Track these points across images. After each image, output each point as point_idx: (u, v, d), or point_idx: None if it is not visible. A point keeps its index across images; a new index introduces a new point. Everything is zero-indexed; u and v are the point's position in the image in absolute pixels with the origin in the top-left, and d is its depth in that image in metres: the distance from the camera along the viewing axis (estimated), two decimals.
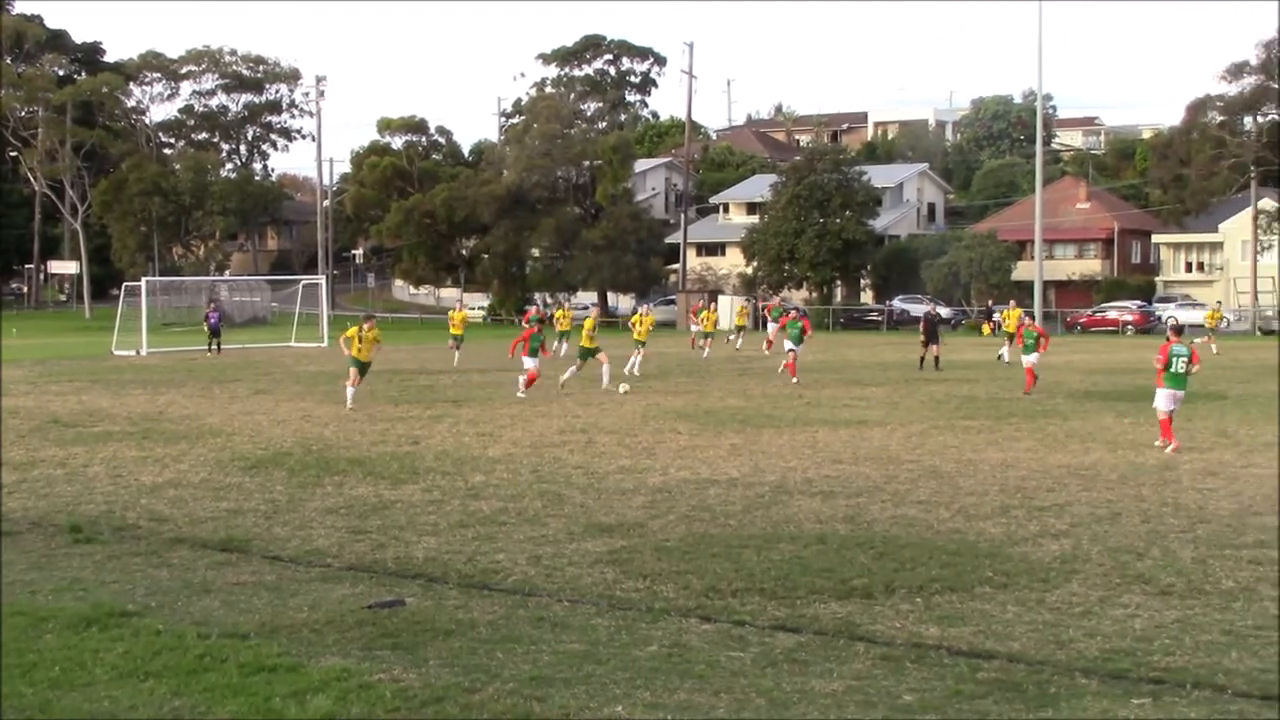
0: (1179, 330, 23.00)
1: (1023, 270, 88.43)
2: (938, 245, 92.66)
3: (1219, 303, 71.51)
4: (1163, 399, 21.75)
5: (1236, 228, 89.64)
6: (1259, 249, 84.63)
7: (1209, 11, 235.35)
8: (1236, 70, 77.73)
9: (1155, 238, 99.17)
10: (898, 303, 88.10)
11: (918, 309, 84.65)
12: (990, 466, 19.67)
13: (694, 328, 54.85)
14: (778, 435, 23.65)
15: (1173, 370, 21.69)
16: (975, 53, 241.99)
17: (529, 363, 31.72)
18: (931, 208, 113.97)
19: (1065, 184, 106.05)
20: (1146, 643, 10.13)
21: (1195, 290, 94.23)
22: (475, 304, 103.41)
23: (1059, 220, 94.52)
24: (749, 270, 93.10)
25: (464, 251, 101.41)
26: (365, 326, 29.89)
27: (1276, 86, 77.37)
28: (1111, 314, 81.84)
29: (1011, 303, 50.79)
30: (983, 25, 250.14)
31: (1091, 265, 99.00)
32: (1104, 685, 9.15)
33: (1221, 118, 79.48)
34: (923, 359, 41.21)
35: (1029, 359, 32.42)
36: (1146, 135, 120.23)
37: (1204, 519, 15.27)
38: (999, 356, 44.41)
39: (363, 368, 29.65)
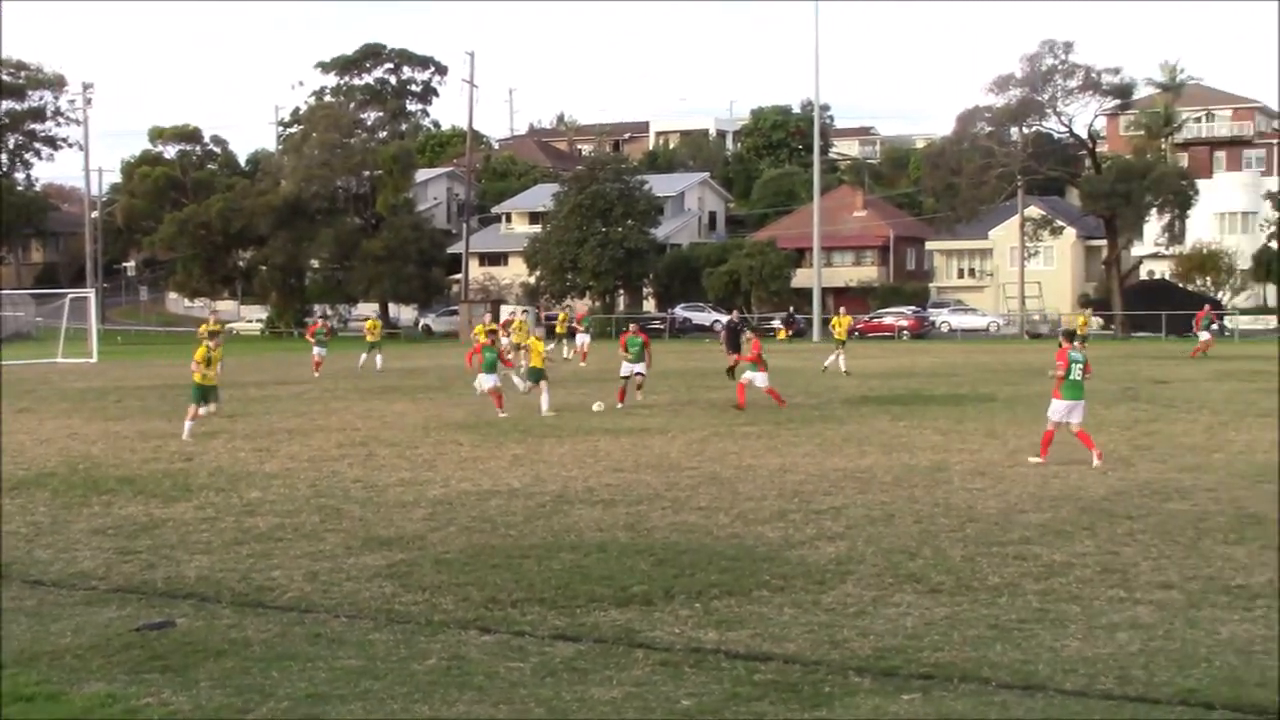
0: (1071, 336, 21.57)
1: (802, 277, 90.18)
2: (719, 253, 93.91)
3: (1089, 309, 74.23)
4: (1058, 409, 20.55)
5: (1005, 235, 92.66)
6: (1026, 255, 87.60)
7: (979, 26, 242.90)
8: (1003, 83, 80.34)
9: (929, 245, 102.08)
10: (680, 311, 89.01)
11: (702, 317, 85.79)
12: (769, 471, 19.93)
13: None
14: (559, 445, 23.64)
15: (1071, 378, 20.40)
16: (755, 64, 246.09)
17: (488, 381, 29.26)
18: (713, 216, 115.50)
19: (843, 192, 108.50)
20: (917, 640, 10.36)
21: (967, 296, 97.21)
22: (254, 316, 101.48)
23: (837, 228, 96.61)
24: (532, 280, 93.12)
25: (241, 263, 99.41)
26: (213, 344, 26.68)
27: (1040, 99, 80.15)
28: (888, 319, 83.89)
29: (841, 310, 51.04)
30: (762, 37, 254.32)
31: (868, 272, 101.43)
32: (876, 683, 9.33)
33: (990, 128, 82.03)
34: (731, 368, 41.01)
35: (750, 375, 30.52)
36: (920, 145, 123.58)
37: (973, 518, 15.69)
38: (825, 368, 43.51)
39: (206, 394, 25.78)
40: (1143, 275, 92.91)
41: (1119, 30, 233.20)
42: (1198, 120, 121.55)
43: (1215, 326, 50.35)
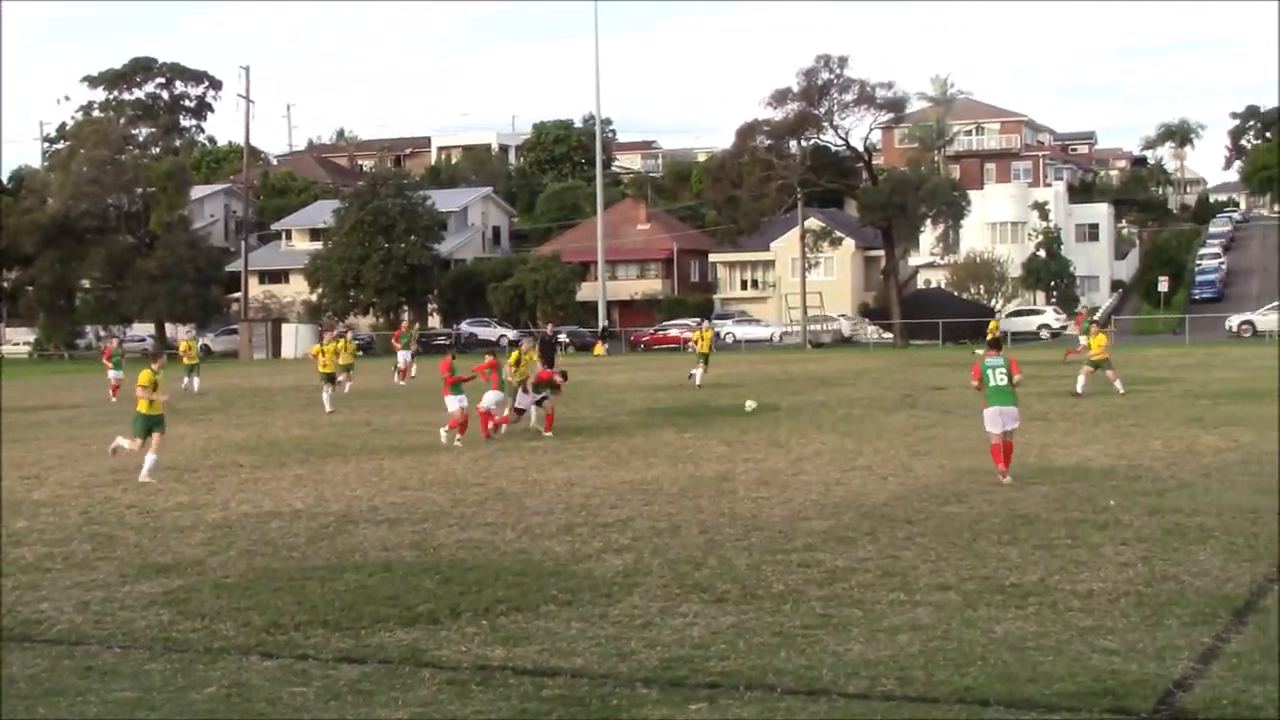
0: (997, 345, 20.81)
1: (587, 291, 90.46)
2: (503, 268, 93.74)
3: (997, 314, 75.61)
4: (989, 419, 19.50)
5: (786, 246, 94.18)
6: (807, 266, 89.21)
7: (758, 40, 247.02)
8: (780, 97, 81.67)
9: (712, 257, 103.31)
10: (466, 326, 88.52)
11: (488, 332, 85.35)
12: (556, 486, 19.89)
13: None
14: (343, 464, 23.26)
15: (992, 384, 19.38)
16: (537, 78, 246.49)
17: (454, 403, 26.53)
18: (497, 231, 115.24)
19: (626, 206, 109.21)
20: (704, 649, 10.40)
21: (751, 307, 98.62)
22: (20, 339, 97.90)
23: (621, 241, 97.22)
24: (314, 297, 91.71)
25: (5, 284, 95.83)
26: (155, 365, 22.30)
27: (817, 112, 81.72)
28: (673, 331, 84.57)
29: (705, 323, 50.83)
30: (543, 51, 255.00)
31: (653, 285, 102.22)
32: (664, 693, 9.35)
33: (769, 141, 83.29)
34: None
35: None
36: (701, 158, 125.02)
37: (758, 526, 15.86)
38: (690, 376, 43.02)
39: (151, 425, 21.78)
40: (920, 284, 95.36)
41: (893, 45, 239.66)
42: (968, 133, 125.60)
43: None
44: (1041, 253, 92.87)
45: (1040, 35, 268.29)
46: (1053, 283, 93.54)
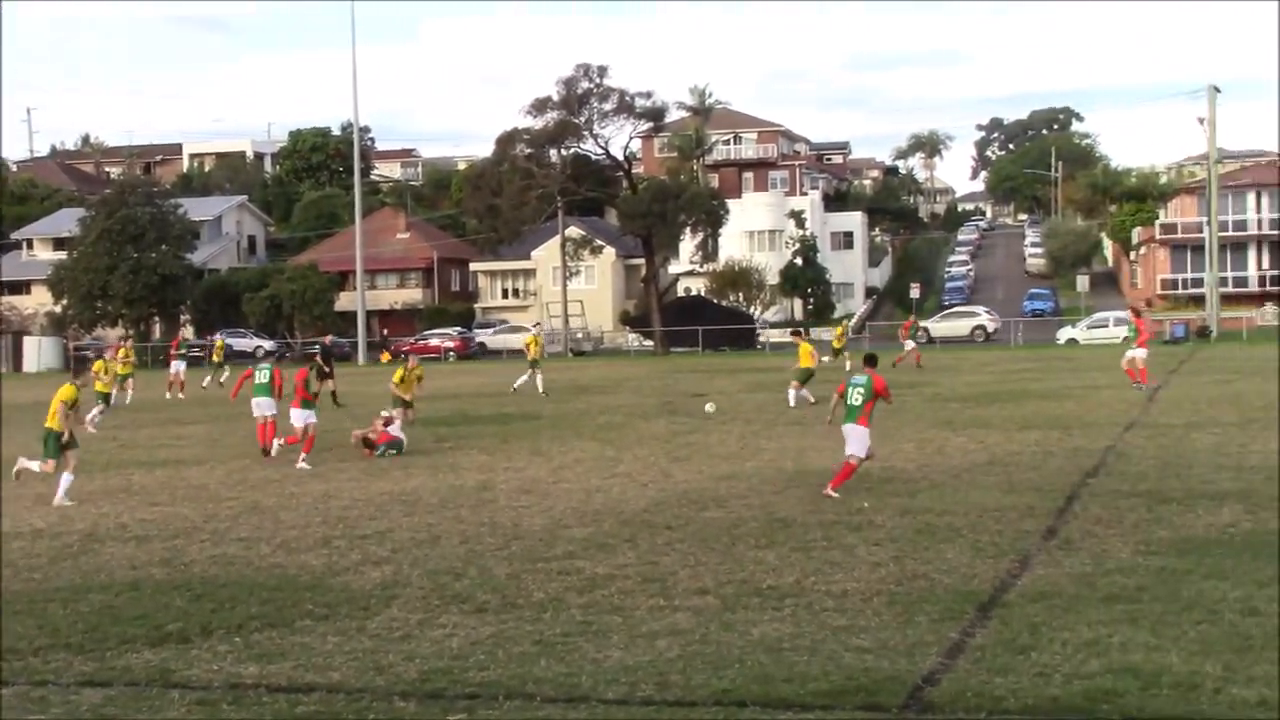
0: (872, 361, 19.38)
1: (346, 300, 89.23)
2: (259, 278, 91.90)
3: (845, 319, 75.76)
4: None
5: (547, 254, 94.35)
6: (568, 274, 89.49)
7: (518, 48, 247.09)
8: (540, 105, 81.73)
9: (473, 266, 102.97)
10: (220, 337, 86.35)
11: (244, 343, 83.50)
12: (312, 498, 19.52)
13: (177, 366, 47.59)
14: (89, 480, 22.36)
15: (849, 402, 18.55)
16: (292, 85, 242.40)
17: (301, 418, 24.35)
18: (252, 240, 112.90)
19: (385, 214, 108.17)
20: (463, 660, 10.30)
21: (512, 315, 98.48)
22: None
23: (380, 250, 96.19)
24: (58, 309, 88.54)
25: None
26: (79, 381, 20.73)
27: (577, 121, 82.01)
28: (434, 341, 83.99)
29: (536, 327, 49.71)
30: (300, 59, 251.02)
31: (414, 294, 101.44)
32: (421, 706, 9.24)
33: (529, 150, 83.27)
34: (333, 395, 39.42)
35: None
36: (461, 167, 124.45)
37: (518, 535, 15.79)
38: (515, 388, 41.93)
39: (67, 444, 20.01)
40: (680, 292, 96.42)
41: (652, 55, 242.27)
42: (726, 143, 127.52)
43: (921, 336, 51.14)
44: (798, 260, 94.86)
45: (796, 46, 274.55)
46: (809, 289, 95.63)
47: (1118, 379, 37.51)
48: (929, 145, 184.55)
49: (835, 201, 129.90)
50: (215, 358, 55.01)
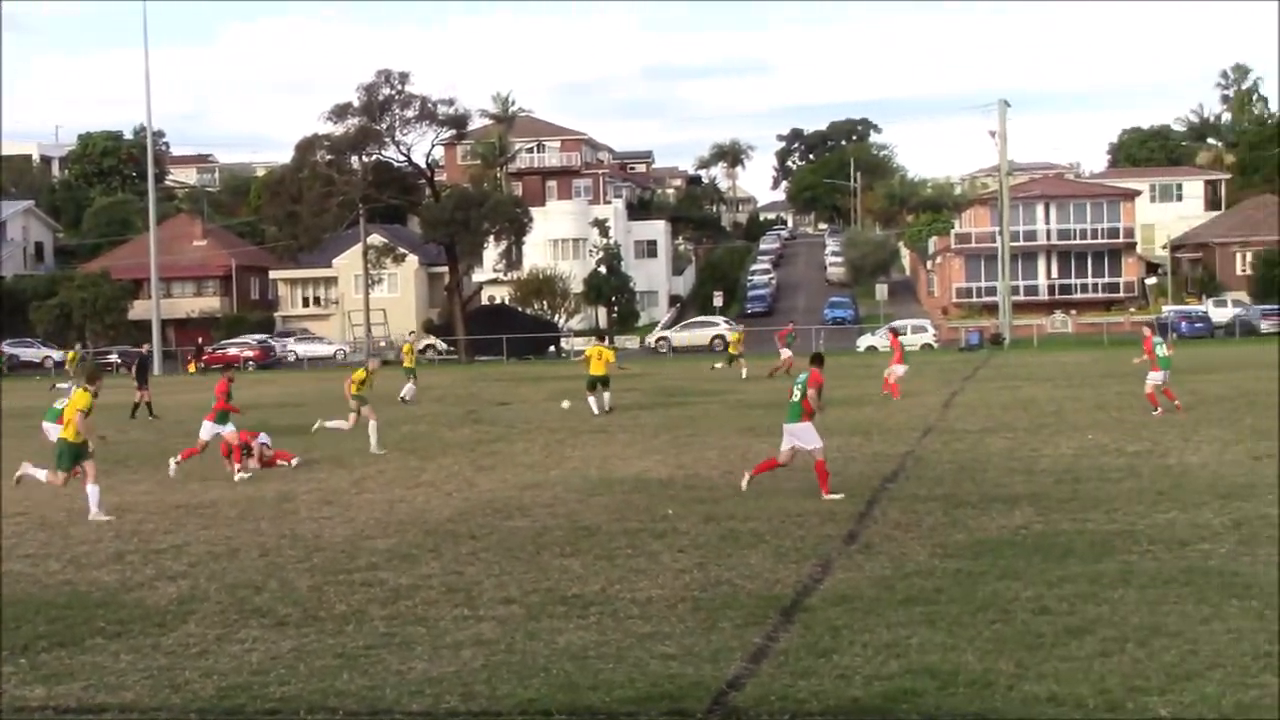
0: (818, 360, 19.41)
1: (140, 309, 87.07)
2: (47, 285, 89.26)
3: (730, 323, 74.94)
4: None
5: (349, 263, 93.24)
6: (371, 282, 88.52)
7: (317, 53, 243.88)
8: (341, 111, 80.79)
9: (273, 273, 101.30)
10: (7, 347, 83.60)
11: (31, 353, 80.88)
12: (105, 512, 18.90)
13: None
14: None
15: (791, 400, 18.86)
16: (82, 87, 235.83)
17: (211, 431, 23.59)
18: (40, 246, 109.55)
19: (181, 221, 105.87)
20: (263, 675, 10.07)
21: (314, 324, 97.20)
22: None
23: (176, 258, 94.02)
24: None
25: None
26: (93, 387, 19.23)
27: (378, 127, 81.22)
28: (233, 350, 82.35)
29: (411, 334, 48.13)
30: (91, 61, 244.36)
31: (211, 302, 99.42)
32: None
33: (330, 156, 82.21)
34: (136, 406, 38.32)
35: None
36: (260, 173, 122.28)
37: (320, 547, 15.53)
38: (403, 398, 40.73)
39: (76, 455, 18.82)
40: (484, 300, 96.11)
41: (453, 63, 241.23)
42: (530, 151, 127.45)
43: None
44: (602, 268, 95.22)
45: (597, 55, 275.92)
46: (614, 298, 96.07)
47: (917, 385, 38.45)
48: (731, 155, 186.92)
49: (639, 210, 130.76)
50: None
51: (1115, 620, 10.78)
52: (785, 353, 49.55)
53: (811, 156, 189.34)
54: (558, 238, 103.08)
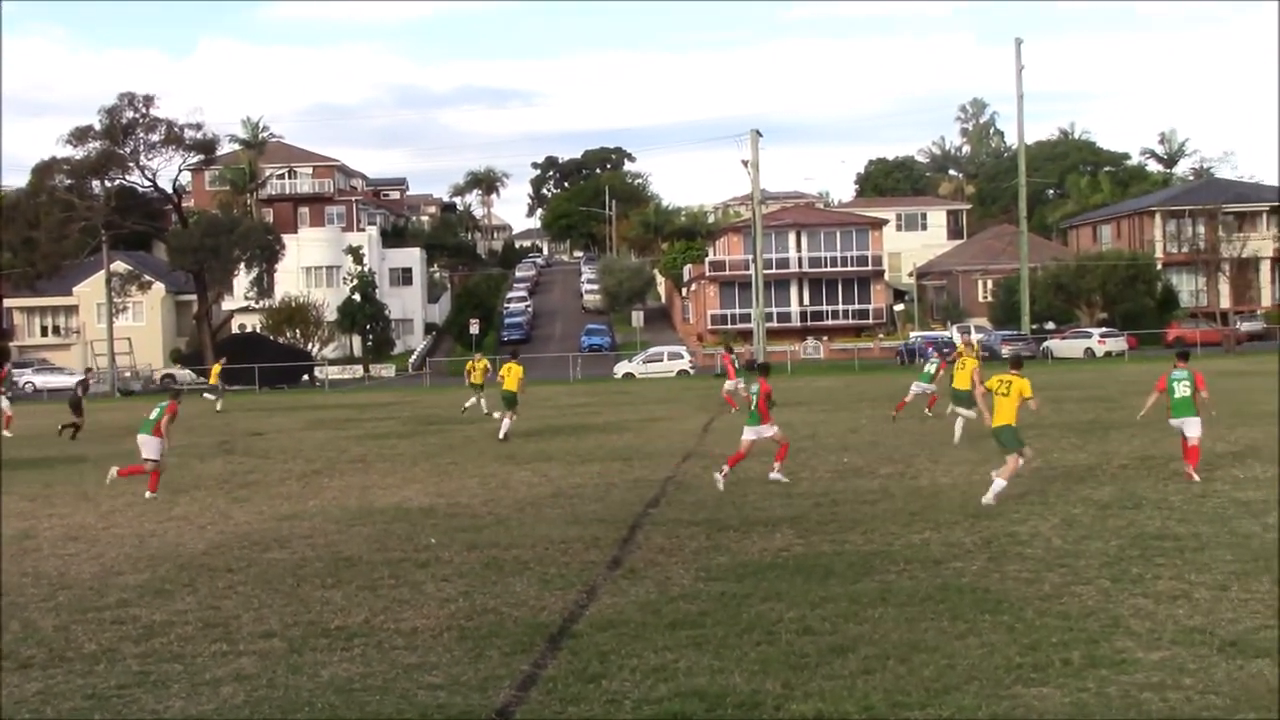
0: (764, 369, 22.75)
1: None
2: None
3: (481, 356, 73.15)
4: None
5: (92, 290, 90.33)
6: (115, 311, 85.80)
7: (55, 74, 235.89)
8: (81, 134, 78.36)
9: (8, 302, 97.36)
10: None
11: None
12: None
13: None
14: None
15: (751, 408, 21.86)
16: None
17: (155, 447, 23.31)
18: None
19: None
20: None
21: (53, 354, 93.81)
22: None
23: None
24: None
25: None
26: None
27: (122, 152, 78.95)
28: None
29: (220, 361, 45.98)
30: None
31: None
32: None
33: (70, 181, 79.57)
34: (75, 428, 37.40)
35: None
36: None
37: (66, 584, 14.90)
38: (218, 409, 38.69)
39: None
40: (235, 328, 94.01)
41: (202, 86, 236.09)
42: (281, 177, 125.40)
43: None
44: (357, 296, 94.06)
45: (353, 81, 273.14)
46: (368, 325, 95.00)
47: (675, 410, 38.86)
48: (486, 182, 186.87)
49: (393, 237, 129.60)
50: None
51: (876, 638, 10.99)
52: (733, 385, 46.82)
53: (567, 184, 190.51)
54: (311, 265, 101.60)
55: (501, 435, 31.93)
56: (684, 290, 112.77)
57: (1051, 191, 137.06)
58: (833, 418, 35.83)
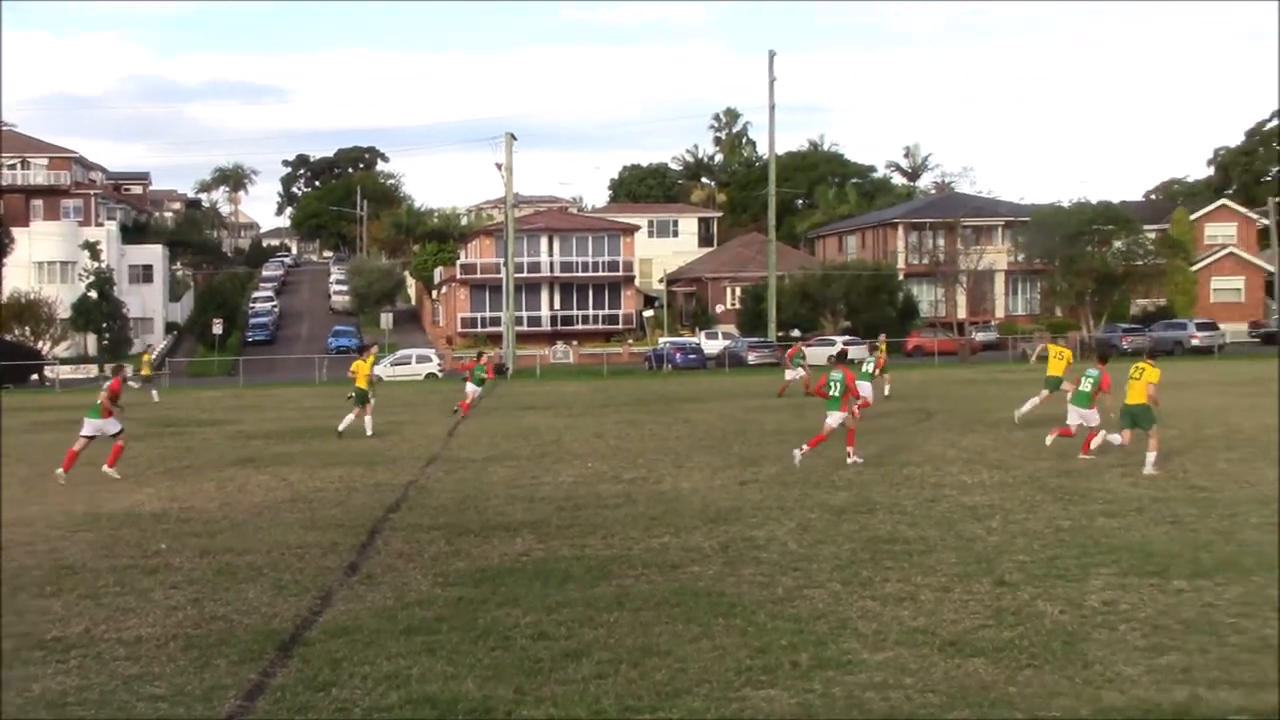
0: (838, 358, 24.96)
1: None
2: None
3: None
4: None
5: None
6: None
7: None
8: None
9: None
10: None
11: None
12: None
13: None
14: None
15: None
16: None
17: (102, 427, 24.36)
18: None
19: None
20: None
21: None
22: None
23: None
24: None
25: None
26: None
27: None
28: None
29: (149, 352, 42.57)
30: None
31: None
32: None
33: None
34: None
35: None
36: None
37: None
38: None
39: None
40: None
41: None
42: (12, 167, 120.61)
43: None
44: (93, 293, 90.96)
45: (94, 71, 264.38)
46: (105, 324, 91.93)
47: (421, 415, 38.51)
48: (233, 179, 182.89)
49: (134, 233, 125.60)
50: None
51: (610, 643, 11.01)
52: (798, 372, 45.46)
53: (318, 183, 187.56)
54: (43, 260, 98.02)
55: (342, 428, 32.57)
56: (434, 293, 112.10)
57: (800, 201, 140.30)
58: (579, 422, 35.96)
